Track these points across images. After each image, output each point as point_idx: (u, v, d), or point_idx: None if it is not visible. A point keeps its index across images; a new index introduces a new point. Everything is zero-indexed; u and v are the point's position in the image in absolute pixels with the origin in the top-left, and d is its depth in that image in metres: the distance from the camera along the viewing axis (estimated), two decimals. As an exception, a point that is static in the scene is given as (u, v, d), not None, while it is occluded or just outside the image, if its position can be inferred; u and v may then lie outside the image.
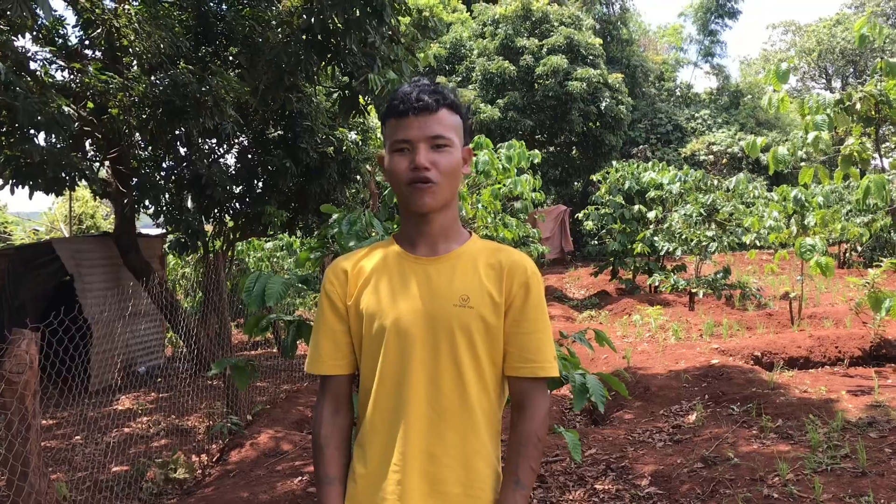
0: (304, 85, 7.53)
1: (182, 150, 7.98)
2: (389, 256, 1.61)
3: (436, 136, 1.52)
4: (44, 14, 4.29)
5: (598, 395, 2.39)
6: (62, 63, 6.67)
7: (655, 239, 12.79)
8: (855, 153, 5.19)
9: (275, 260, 13.73)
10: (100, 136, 6.97)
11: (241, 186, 8.84)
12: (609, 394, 5.24)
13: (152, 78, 6.26)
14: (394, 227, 3.47)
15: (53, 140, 5.91)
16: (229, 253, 9.91)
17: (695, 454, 4.45)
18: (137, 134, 6.74)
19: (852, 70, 36.63)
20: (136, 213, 8.43)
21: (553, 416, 5.81)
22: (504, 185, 7.95)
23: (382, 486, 1.52)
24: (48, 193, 6.29)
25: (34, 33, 6.54)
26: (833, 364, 7.47)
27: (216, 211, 8.89)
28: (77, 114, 6.38)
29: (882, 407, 5.26)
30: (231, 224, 9.54)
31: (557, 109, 21.31)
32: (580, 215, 15.29)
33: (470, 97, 20.74)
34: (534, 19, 22.33)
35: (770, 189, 16.06)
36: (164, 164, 8.43)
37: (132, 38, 5.89)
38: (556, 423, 5.53)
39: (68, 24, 6.92)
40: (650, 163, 14.33)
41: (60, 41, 6.89)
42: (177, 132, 6.96)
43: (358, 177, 9.50)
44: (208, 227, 9.30)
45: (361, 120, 8.58)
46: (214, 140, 8.40)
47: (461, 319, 1.52)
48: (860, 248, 17.18)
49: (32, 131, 5.62)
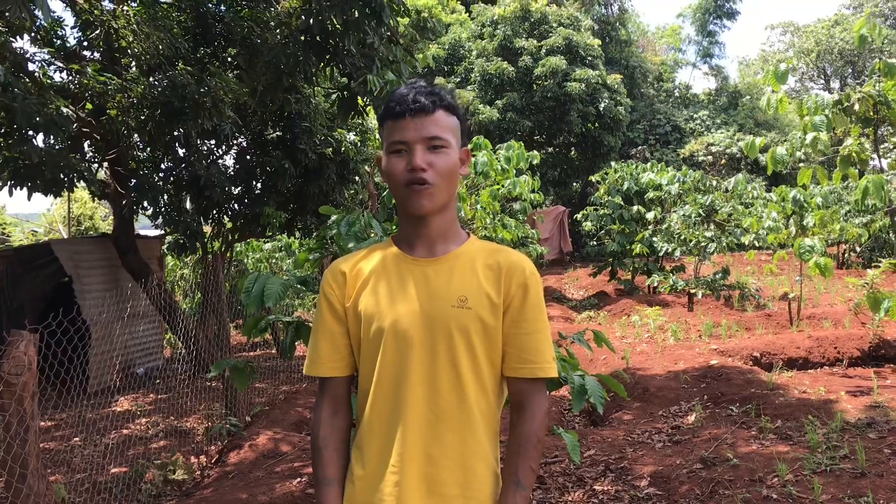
0: (303, 86, 7.53)
1: (181, 152, 7.98)
2: (388, 258, 1.61)
3: (432, 138, 1.52)
4: (42, 15, 4.29)
5: (596, 397, 2.39)
6: (61, 64, 6.67)
7: (654, 240, 12.80)
8: (853, 154, 5.19)
9: (273, 261, 13.71)
10: (98, 137, 6.97)
11: (240, 187, 8.85)
12: (608, 395, 5.24)
13: (151, 79, 6.26)
14: (392, 227, 3.47)
15: (52, 141, 5.91)
16: (228, 254, 9.91)
17: (694, 455, 4.45)
18: (136, 135, 6.74)
19: (851, 71, 36.68)
20: (134, 214, 8.43)
21: (552, 417, 5.81)
22: (503, 186, 7.95)
23: (380, 488, 1.51)
24: (47, 195, 6.29)
25: (33, 34, 6.54)
26: (832, 365, 7.47)
27: (215, 212, 8.89)
28: (76, 115, 6.38)
29: (881, 407, 5.26)
30: (230, 225, 9.54)
31: (556, 110, 21.32)
32: (579, 216, 15.30)
33: (468, 98, 20.74)
34: (532, 20, 22.34)
35: (769, 190, 16.06)
36: (163, 166, 8.42)
37: (131, 39, 5.89)
38: (555, 423, 5.53)
39: (67, 26, 6.93)
40: (649, 163, 14.34)
41: (59, 42, 6.89)
42: (175, 133, 6.96)
43: (356, 178, 9.50)
44: (207, 229, 9.30)
45: (360, 121, 8.58)
46: (213, 141, 8.40)
47: (459, 320, 1.51)
48: (859, 249, 17.20)
49: (31, 132, 5.62)
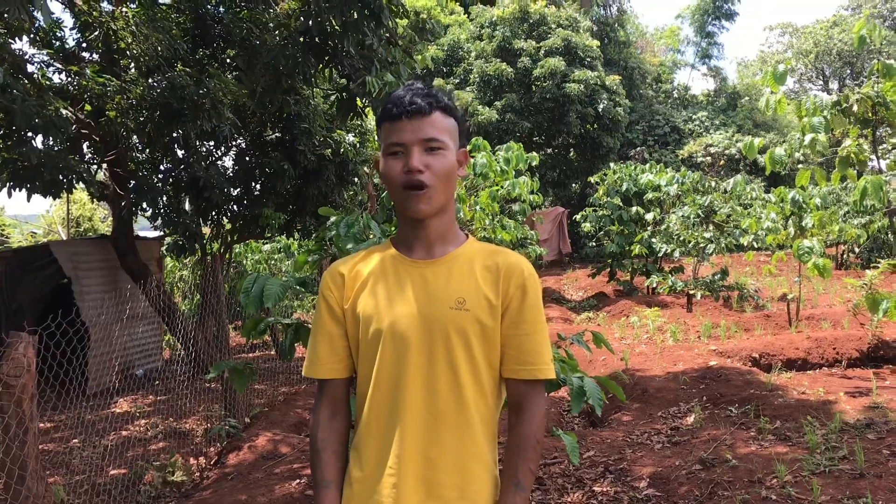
0: (302, 87, 7.54)
1: (180, 153, 7.99)
2: (386, 260, 1.62)
3: (429, 139, 1.52)
4: (42, 17, 4.30)
5: (595, 399, 2.40)
6: (60, 66, 6.67)
7: (653, 240, 12.80)
8: (852, 155, 5.20)
9: (273, 262, 13.71)
10: (97, 138, 6.97)
11: (239, 189, 8.85)
12: (607, 395, 5.24)
13: (150, 80, 6.26)
14: (391, 229, 3.47)
15: (51, 142, 5.91)
16: (227, 255, 9.91)
17: (693, 456, 4.45)
18: (135, 136, 6.74)
19: (849, 72, 36.72)
20: (133, 215, 8.43)
21: (551, 418, 5.81)
22: (502, 188, 7.95)
23: (378, 490, 1.51)
24: (46, 196, 6.30)
25: (32, 36, 6.55)
26: (831, 365, 7.47)
27: (214, 213, 8.90)
28: (74, 116, 6.38)
29: (880, 408, 5.26)
30: (229, 226, 9.55)
31: (555, 111, 21.34)
32: (578, 217, 15.31)
33: (467, 99, 20.75)
34: (531, 21, 22.35)
35: (768, 191, 16.08)
36: (162, 167, 8.43)
37: (129, 40, 5.89)
38: (554, 425, 5.53)
39: (66, 27, 6.94)
40: (648, 164, 14.35)
41: (58, 44, 6.90)
42: (174, 135, 6.96)
43: (356, 179, 9.51)
44: (206, 230, 9.30)
45: (359, 122, 8.59)
46: (212, 142, 8.41)
47: (457, 322, 1.51)
48: (858, 250, 17.22)
49: (30, 134, 5.62)
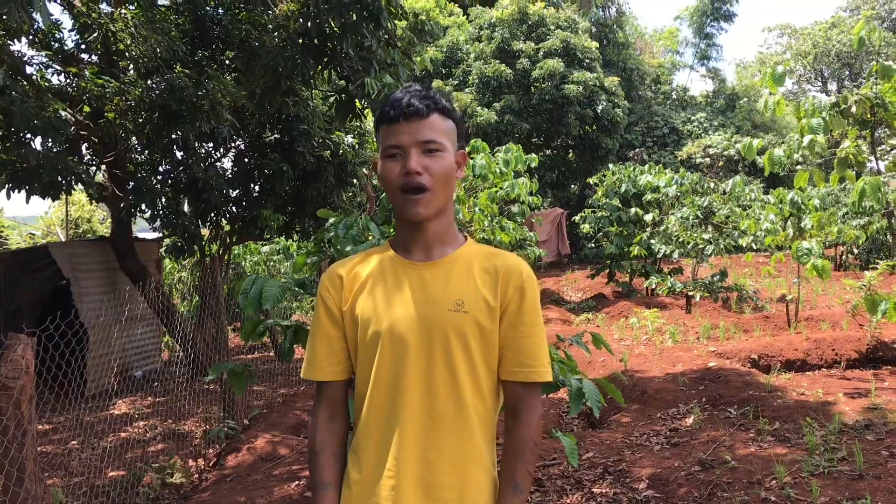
0: (301, 89, 7.53)
1: (178, 154, 7.99)
2: (385, 262, 1.61)
3: (427, 141, 1.52)
4: (41, 18, 4.29)
5: (593, 401, 2.40)
6: (58, 67, 6.67)
7: (652, 242, 12.80)
8: (851, 156, 5.20)
9: (271, 264, 13.71)
10: (96, 140, 6.96)
11: (238, 190, 8.85)
12: (606, 397, 5.24)
13: (149, 82, 6.26)
14: (390, 230, 3.47)
15: (50, 144, 5.91)
16: (226, 257, 9.90)
17: (692, 457, 4.45)
18: (134, 138, 6.74)
19: (848, 73, 36.76)
20: (132, 217, 8.42)
21: (550, 420, 5.81)
22: (501, 189, 7.95)
23: (377, 492, 1.51)
24: (44, 197, 6.29)
25: (30, 37, 6.54)
26: (830, 366, 7.47)
27: (213, 215, 8.89)
28: (73, 118, 6.38)
29: (879, 409, 5.26)
30: (228, 228, 9.54)
31: (554, 113, 21.34)
32: (577, 218, 15.30)
33: (466, 101, 20.75)
34: (530, 23, 22.36)
35: (766, 192, 16.10)
36: (161, 168, 8.42)
37: (128, 42, 5.89)
38: (553, 426, 5.53)
39: (65, 29, 6.94)
40: (646, 166, 14.35)
41: (57, 45, 6.90)
42: (173, 136, 6.96)
43: (354, 180, 9.51)
44: (205, 231, 9.30)
45: (358, 124, 8.59)
46: (211, 144, 8.41)
47: (456, 324, 1.51)
48: (856, 251, 17.24)
49: (29, 135, 5.62)
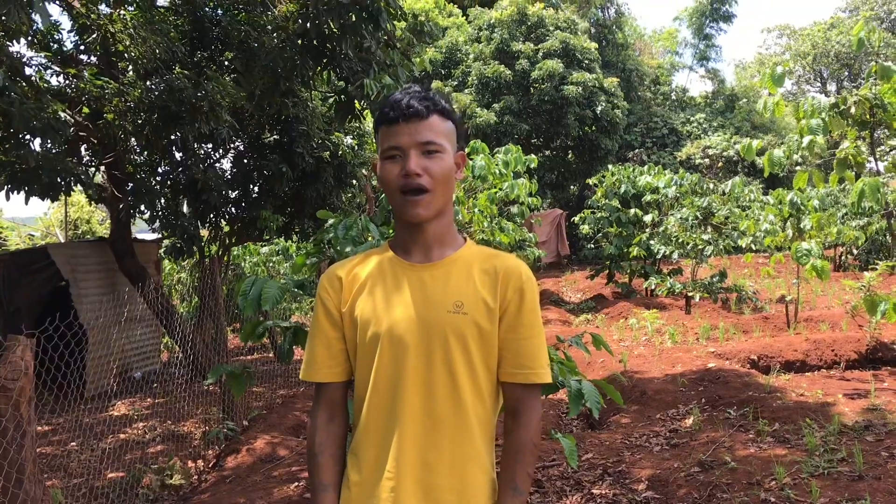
0: (300, 90, 7.53)
1: (178, 155, 7.98)
2: (384, 263, 1.61)
3: (427, 143, 1.51)
4: (41, 20, 4.28)
5: (593, 402, 2.40)
6: (57, 68, 6.66)
7: (651, 242, 12.80)
8: (850, 156, 5.20)
9: (271, 265, 13.70)
10: (95, 141, 6.96)
11: (237, 191, 8.84)
12: (605, 398, 5.24)
13: (148, 83, 6.25)
14: (389, 231, 3.47)
15: (49, 145, 5.90)
16: (225, 258, 9.89)
17: (692, 458, 4.45)
18: (133, 139, 6.72)
19: (847, 73, 36.78)
20: (131, 218, 8.41)
21: (550, 421, 5.81)
22: (500, 190, 7.95)
23: (377, 494, 1.51)
24: (44, 198, 6.28)
25: (30, 38, 6.53)
26: (829, 367, 7.47)
27: (212, 216, 8.88)
28: (72, 119, 6.37)
29: (878, 410, 5.26)
30: (227, 229, 9.54)
31: (553, 113, 21.35)
32: (576, 219, 15.32)
33: (466, 101, 20.76)
34: (529, 24, 22.38)
35: (766, 192, 16.10)
36: (160, 169, 8.41)
37: (127, 43, 5.88)
38: (553, 427, 5.52)
39: (63, 30, 6.94)
40: (646, 166, 14.37)
41: (56, 46, 6.89)
42: (172, 137, 6.94)
43: (354, 181, 9.51)
44: (204, 232, 9.29)
45: (357, 124, 8.58)
46: (210, 145, 8.40)
47: (455, 326, 1.51)
48: (856, 252, 17.24)
49: (28, 136, 5.61)
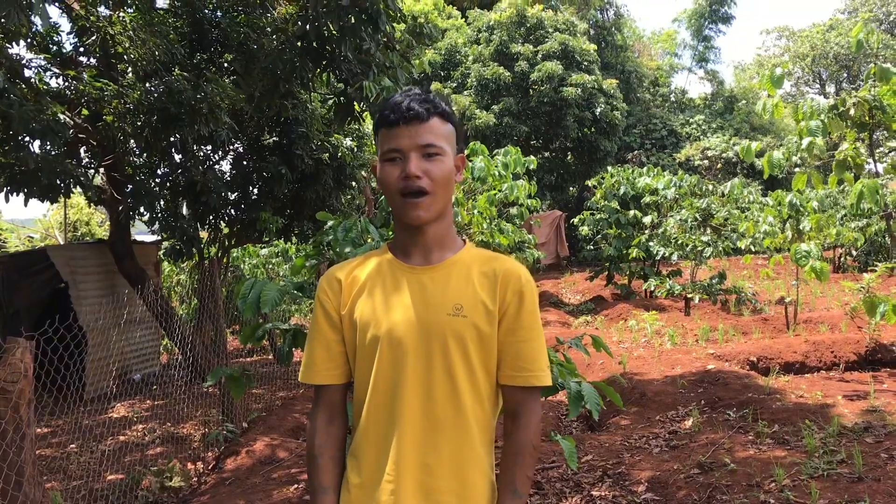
0: (300, 92, 7.53)
1: (177, 157, 7.98)
2: (383, 265, 1.61)
3: (427, 145, 1.51)
4: (41, 22, 4.29)
5: (592, 404, 2.40)
6: (57, 70, 6.66)
7: (651, 244, 12.80)
8: (849, 158, 5.20)
9: (270, 266, 13.69)
10: (95, 143, 6.96)
11: (237, 193, 8.84)
12: (605, 399, 5.24)
13: (147, 85, 6.25)
14: (389, 233, 3.47)
15: (48, 147, 5.90)
16: (224, 260, 9.89)
17: (691, 460, 4.45)
18: (132, 141, 6.73)
19: (846, 75, 36.82)
20: (131, 219, 8.41)
21: (549, 423, 5.81)
22: (500, 191, 7.95)
23: (376, 496, 1.51)
24: (43, 200, 6.28)
25: (29, 40, 6.54)
26: (829, 369, 7.46)
27: (211, 217, 8.88)
28: (72, 121, 6.37)
29: (878, 412, 5.26)
30: (226, 230, 9.53)
31: (552, 115, 21.36)
32: (576, 220, 15.31)
33: (465, 103, 20.77)
34: (528, 25, 22.39)
35: (765, 194, 16.13)
36: (159, 171, 8.41)
37: (127, 45, 5.89)
38: (552, 429, 5.52)
39: (63, 32, 6.98)
40: (645, 168, 14.36)
41: (55, 48, 6.89)
42: (172, 139, 6.95)
43: (353, 183, 9.50)
44: (203, 234, 9.29)
45: (357, 126, 8.58)
46: (209, 147, 8.40)
47: (455, 328, 1.51)
48: (855, 253, 17.26)
49: (27, 138, 5.61)
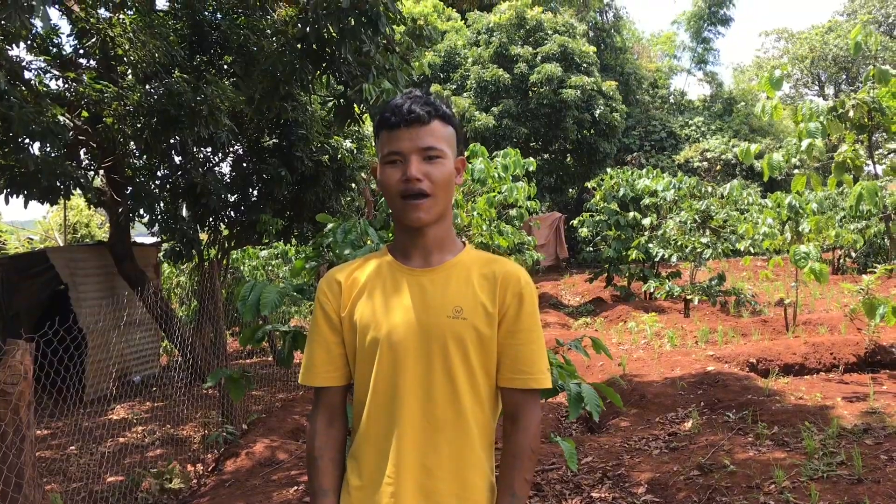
0: (299, 94, 7.53)
1: (177, 159, 7.98)
2: (383, 267, 1.61)
3: (428, 148, 1.51)
4: (42, 24, 4.29)
5: (592, 405, 2.40)
6: (57, 72, 6.66)
7: (650, 246, 12.81)
8: (848, 160, 5.21)
9: (270, 268, 13.68)
10: (94, 144, 6.96)
11: (236, 195, 8.84)
12: (605, 401, 5.24)
13: (147, 87, 6.26)
14: (388, 235, 3.47)
15: (48, 149, 5.91)
16: (224, 261, 9.89)
17: (691, 461, 4.45)
18: (132, 143, 6.73)
19: (845, 77, 36.87)
20: (130, 221, 8.41)
21: (549, 424, 5.81)
22: (499, 193, 7.96)
23: (377, 499, 1.51)
24: (43, 202, 6.28)
25: (29, 42, 6.54)
26: (828, 370, 7.46)
27: (211, 219, 8.88)
28: (72, 123, 6.38)
29: (877, 413, 5.26)
30: (226, 232, 9.53)
31: (552, 117, 21.38)
32: (575, 222, 15.31)
33: (464, 105, 20.79)
34: (528, 27, 22.42)
35: (764, 196, 16.13)
36: (159, 173, 8.41)
37: (127, 47, 5.89)
38: (552, 431, 5.52)
39: (63, 34, 6.97)
40: (644, 170, 14.37)
41: (55, 50, 6.90)
42: (171, 141, 6.95)
43: (353, 185, 9.51)
44: (203, 236, 9.29)
45: (356, 128, 8.59)
46: (209, 149, 8.40)
47: (455, 331, 1.51)
48: (854, 255, 17.26)
49: (27, 140, 5.62)
